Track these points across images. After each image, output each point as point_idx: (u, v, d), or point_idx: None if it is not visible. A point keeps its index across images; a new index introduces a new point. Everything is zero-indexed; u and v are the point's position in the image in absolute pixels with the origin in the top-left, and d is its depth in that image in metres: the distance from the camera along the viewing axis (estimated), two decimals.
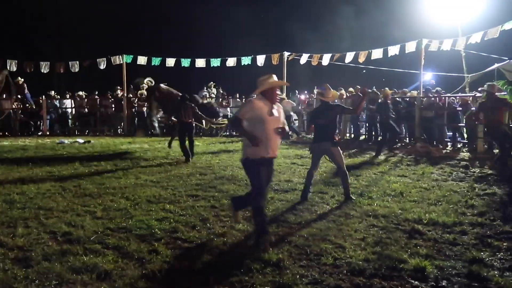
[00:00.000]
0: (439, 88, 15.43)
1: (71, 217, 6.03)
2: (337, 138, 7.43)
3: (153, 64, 20.73)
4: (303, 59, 19.94)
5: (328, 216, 6.20)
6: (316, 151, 7.40)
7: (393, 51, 17.81)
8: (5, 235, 5.25)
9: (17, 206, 6.59)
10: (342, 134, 17.39)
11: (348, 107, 8.40)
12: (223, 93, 21.44)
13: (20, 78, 20.10)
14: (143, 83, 17.85)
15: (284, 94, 19.82)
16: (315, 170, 7.51)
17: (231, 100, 20.97)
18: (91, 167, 10.05)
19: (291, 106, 18.99)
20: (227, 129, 18.97)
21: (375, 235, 5.39)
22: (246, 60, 20.38)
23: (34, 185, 8.18)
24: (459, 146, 14.21)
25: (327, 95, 7.45)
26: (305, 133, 18.07)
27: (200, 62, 20.67)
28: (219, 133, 18.66)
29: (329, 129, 7.32)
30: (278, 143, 5.28)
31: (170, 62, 20.64)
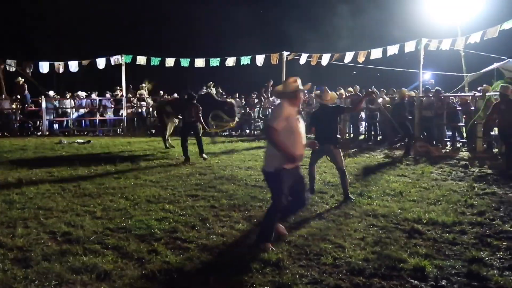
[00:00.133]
0: (439, 87, 15.42)
1: (71, 217, 6.03)
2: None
3: (152, 64, 20.70)
4: (303, 59, 19.93)
5: (328, 216, 6.21)
6: (317, 151, 7.34)
7: (392, 50, 17.80)
8: (4, 236, 5.24)
9: (16, 206, 6.58)
10: (342, 134, 17.38)
11: (348, 106, 8.39)
12: (222, 92, 21.44)
13: (20, 78, 20.08)
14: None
15: None
16: (313, 166, 7.68)
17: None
18: (91, 167, 10.05)
19: None
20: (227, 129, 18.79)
21: (374, 234, 5.39)
22: (245, 60, 20.36)
23: (33, 185, 8.17)
24: (458, 145, 14.22)
25: (325, 98, 7.47)
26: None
27: (199, 62, 20.65)
28: (213, 136, 16.32)
29: (330, 131, 7.39)
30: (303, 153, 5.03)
31: (170, 62, 20.61)
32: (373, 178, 9.10)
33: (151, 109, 21.04)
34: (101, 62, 20.36)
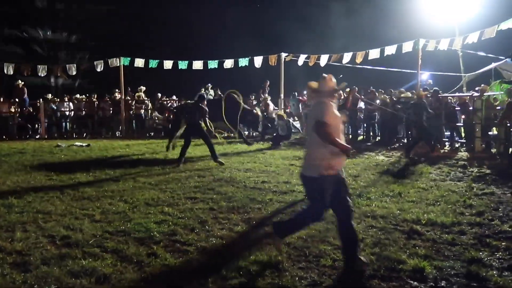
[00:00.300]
0: (437, 88, 15.43)
1: (70, 221, 6.02)
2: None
3: (150, 66, 20.69)
4: (301, 60, 19.94)
5: (327, 218, 6.18)
6: None
7: (390, 51, 17.81)
8: (3, 240, 5.24)
9: (15, 210, 6.57)
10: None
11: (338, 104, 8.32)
12: (221, 94, 21.45)
13: (20, 82, 20.05)
14: None
15: (282, 94, 19.87)
16: None
17: None
18: (89, 170, 10.03)
19: (272, 108, 18.93)
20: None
21: (373, 236, 5.39)
22: (243, 62, 20.35)
23: (32, 188, 8.16)
24: (457, 145, 14.23)
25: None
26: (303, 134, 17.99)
27: (198, 64, 20.66)
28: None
29: None
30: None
31: (168, 64, 20.62)
32: (372, 179, 9.10)
33: (149, 111, 21.04)
34: (99, 65, 20.35)
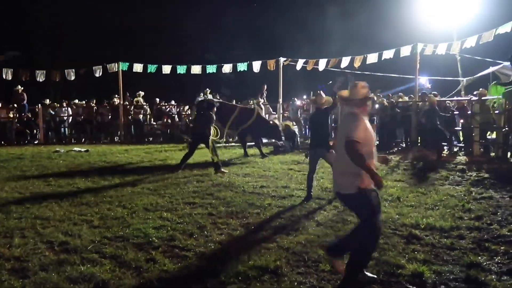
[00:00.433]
0: (435, 92, 15.47)
1: (68, 227, 6.01)
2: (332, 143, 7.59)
3: (149, 71, 20.70)
4: (299, 65, 19.95)
5: (326, 222, 6.21)
6: (313, 156, 7.75)
7: (387, 55, 17.85)
8: (1, 246, 5.23)
9: (13, 216, 6.56)
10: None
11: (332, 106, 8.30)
12: (219, 99, 21.45)
13: (20, 87, 20.02)
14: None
15: (281, 99, 19.87)
16: (313, 173, 7.79)
17: None
18: (88, 176, 10.02)
19: (264, 112, 18.76)
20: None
21: None
22: (242, 67, 20.37)
23: (30, 194, 8.16)
24: (455, 150, 14.24)
25: (320, 102, 7.80)
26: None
27: (196, 69, 20.67)
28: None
29: (324, 135, 7.66)
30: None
31: (166, 69, 20.63)
32: None
33: (148, 116, 21.04)
34: (97, 70, 20.34)
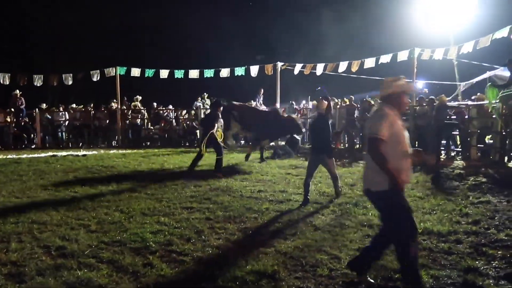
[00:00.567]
0: (432, 96, 15.49)
1: (65, 231, 5.99)
2: (337, 145, 7.67)
3: (146, 75, 20.71)
4: (297, 69, 20.00)
5: (323, 227, 6.21)
6: (313, 161, 7.83)
7: (385, 59, 17.91)
8: None
9: (10, 221, 6.52)
10: (337, 144, 17.38)
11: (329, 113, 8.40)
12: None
13: (18, 91, 19.97)
14: None
15: (278, 104, 19.88)
16: (310, 178, 7.81)
17: None
18: (85, 180, 10.00)
19: None
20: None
21: None
22: (239, 71, 20.40)
23: (27, 198, 8.13)
24: (453, 154, 14.26)
25: (322, 107, 7.87)
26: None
27: (194, 73, 20.69)
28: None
29: (324, 140, 7.74)
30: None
31: (164, 73, 20.65)
32: None
33: (145, 121, 21.03)
34: (95, 74, 20.34)
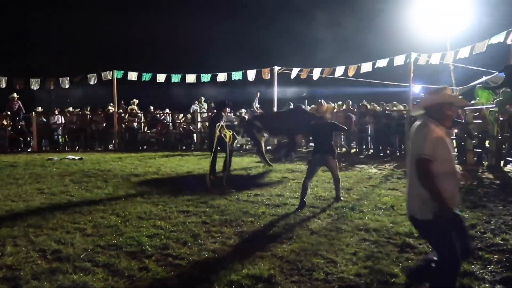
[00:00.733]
0: None
1: (61, 235, 5.97)
2: (344, 149, 7.75)
3: (143, 79, 20.70)
4: (294, 73, 20.02)
5: (320, 231, 6.20)
6: (315, 162, 7.90)
7: (381, 64, 17.96)
8: None
9: (6, 224, 6.51)
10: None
11: (342, 126, 8.73)
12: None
13: (15, 95, 19.94)
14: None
15: (276, 108, 19.89)
16: (309, 179, 7.89)
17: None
18: (81, 184, 9.99)
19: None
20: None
21: (366, 249, 5.38)
22: (237, 75, 20.40)
23: (23, 202, 8.11)
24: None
25: (322, 110, 8.03)
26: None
27: (191, 78, 20.69)
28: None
29: (327, 142, 7.91)
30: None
31: (161, 77, 20.64)
32: (365, 192, 9.10)
33: (142, 125, 21.02)
34: (92, 78, 20.32)
